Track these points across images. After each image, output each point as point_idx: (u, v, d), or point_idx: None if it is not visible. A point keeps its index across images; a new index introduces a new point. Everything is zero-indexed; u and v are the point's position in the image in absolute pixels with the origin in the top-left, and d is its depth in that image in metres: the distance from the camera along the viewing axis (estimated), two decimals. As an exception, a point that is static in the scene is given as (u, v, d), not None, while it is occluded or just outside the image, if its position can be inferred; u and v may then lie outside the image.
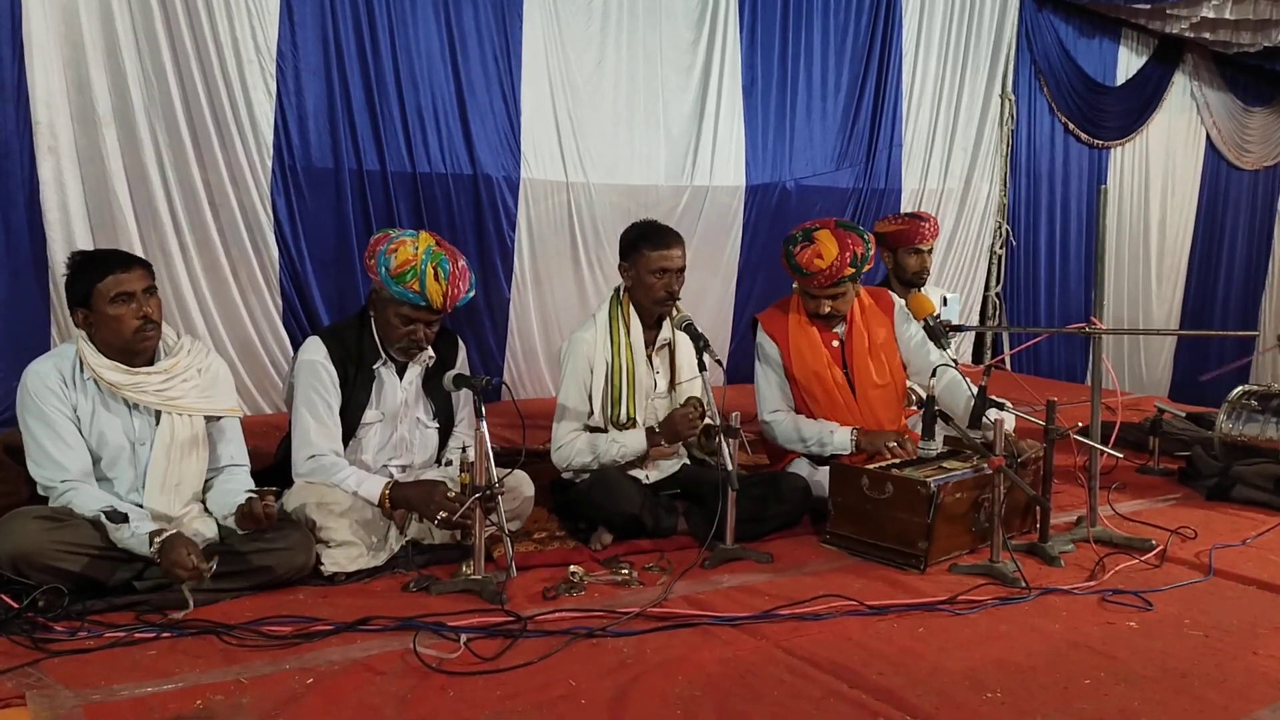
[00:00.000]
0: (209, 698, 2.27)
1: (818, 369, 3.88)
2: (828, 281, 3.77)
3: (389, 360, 3.34)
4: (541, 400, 5.39)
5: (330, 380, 3.24)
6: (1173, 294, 9.24)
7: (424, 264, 3.15)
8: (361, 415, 3.30)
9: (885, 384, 3.92)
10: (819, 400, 3.89)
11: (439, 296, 3.18)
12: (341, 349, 3.28)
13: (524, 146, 5.47)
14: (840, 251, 3.73)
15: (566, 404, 3.64)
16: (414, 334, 3.25)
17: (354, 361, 3.28)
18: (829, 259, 3.73)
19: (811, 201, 6.56)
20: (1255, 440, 4.44)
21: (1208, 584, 3.27)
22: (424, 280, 3.15)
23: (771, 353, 3.95)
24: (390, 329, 3.26)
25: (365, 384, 3.30)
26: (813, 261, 3.75)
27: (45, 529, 2.69)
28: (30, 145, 4.16)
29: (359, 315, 3.39)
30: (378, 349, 3.32)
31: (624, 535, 3.45)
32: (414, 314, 3.21)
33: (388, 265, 3.16)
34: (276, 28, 4.69)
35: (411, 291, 3.15)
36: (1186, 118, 8.92)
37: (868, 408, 3.89)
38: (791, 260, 3.81)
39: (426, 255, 3.17)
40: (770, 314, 4.04)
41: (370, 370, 3.31)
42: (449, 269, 3.20)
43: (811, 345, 3.89)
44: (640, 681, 2.43)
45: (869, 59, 6.76)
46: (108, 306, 2.86)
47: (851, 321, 3.93)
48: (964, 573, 3.27)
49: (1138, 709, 2.40)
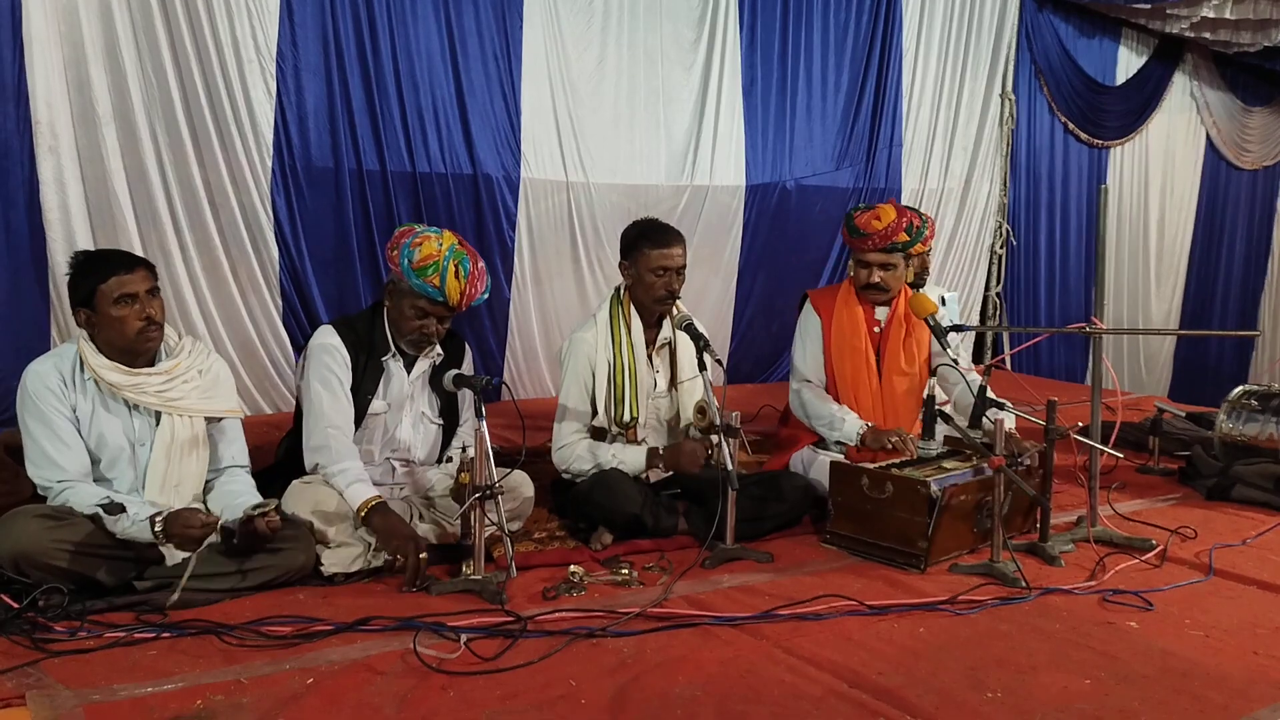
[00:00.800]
0: (209, 698, 2.27)
1: (854, 343, 3.97)
2: (882, 242, 3.90)
3: (398, 353, 3.36)
4: (541, 400, 5.39)
5: (344, 362, 3.27)
6: (1172, 294, 9.24)
7: (446, 260, 3.19)
8: (369, 405, 3.32)
9: (910, 372, 3.99)
10: (847, 376, 3.97)
11: (457, 294, 3.22)
12: (354, 336, 3.32)
13: (524, 146, 5.47)
14: (898, 216, 3.90)
15: (568, 404, 3.64)
16: (426, 328, 3.28)
17: (365, 350, 3.31)
18: (886, 221, 3.89)
19: (811, 201, 6.56)
20: (1255, 440, 4.44)
21: (1208, 584, 3.27)
22: (444, 276, 3.18)
23: (814, 324, 4.05)
24: (404, 321, 3.28)
25: (374, 374, 3.32)
26: (870, 223, 3.91)
27: (46, 528, 2.69)
28: (30, 145, 4.17)
29: (372, 308, 3.42)
30: (388, 341, 3.34)
31: (624, 535, 3.45)
32: (430, 308, 3.24)
33: (411, 258, 3.19)
34: (276, 28, 4.70)
35: (431, 286, 3.19)
36: (1186, 117, 8.93)
37: (890, 391, 3.96)
38: (850, 222, 3.98)
39: (450, 253, 3.20)
40: (821, 291, 4.18)
41: (379, 361, 3.33)
42: (469, 268, 3.24)
43: (853, 321, 3.99)
44: (640, 681, 2.43)
45: (869, 58, 6.77)
46: (110, 307, 2.86)
47: (894, 312, 4.01)
48: (964, 573, 3.27)
49: (1138, 709, 2.40)
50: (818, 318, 4.05)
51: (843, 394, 3.97)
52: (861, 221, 3.93)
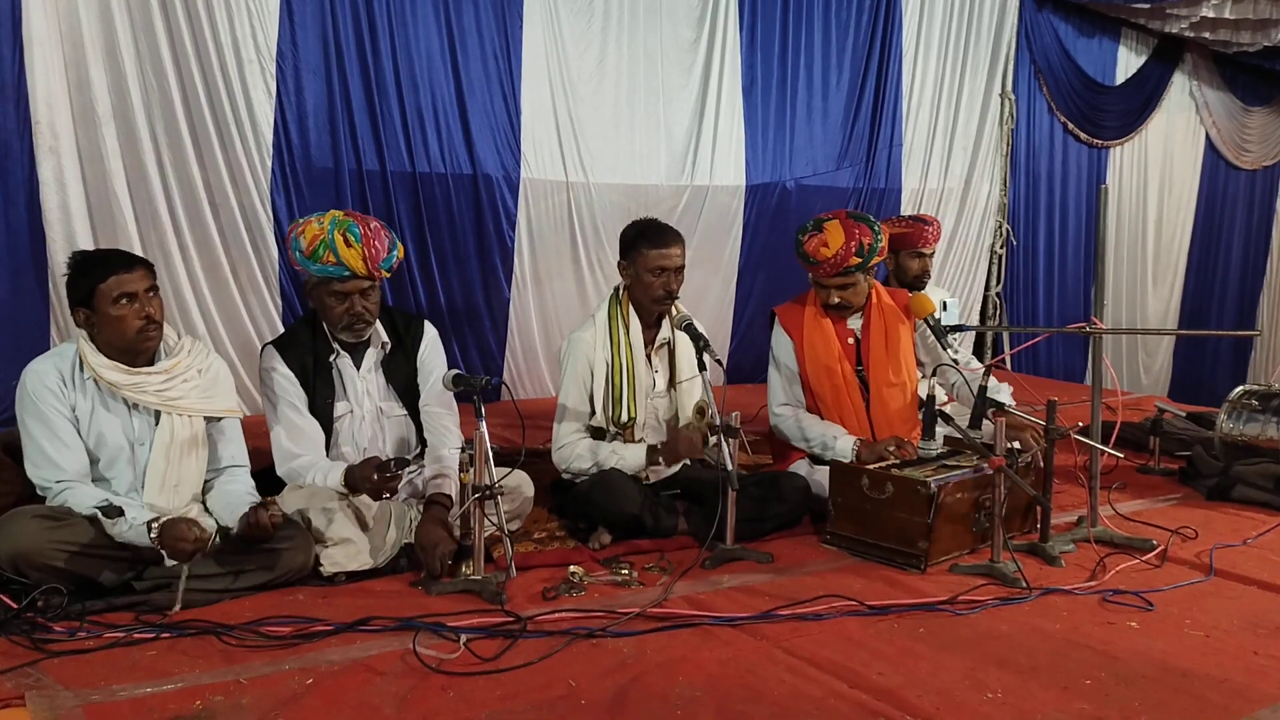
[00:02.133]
0: (209, 698, 2.27)
1: (829, 363, 3.87)
2: (833, 271, 3.80)
3: (342, 352, 3.35)
4: (541, 400, 5.39)
5: (288, 382, 3.28)
6: (1171, 293, 9.24)
7: (331, 234, 3.17)
8: (332, 410, 3.33)
9: (900, 382, 3.92)
10: (827, 398, 3.89)
11: (358, 260, 3.18)
12: (296, 350, 3.32)
13: (524, 146, 5.47)
14: (846, 240, 3.76)
15: (567, 404, 3.64)
16: (352, 308, 3.25)
17: (310, 359, 3.32)
18: (834, 248, 3.76)
19: (811, 201, 6.56)
20: (1256, 440, 4.44)
21: (1208, 584, 3.26)
22: (336, 249, 3.16)
23: (784, 345, 3.97)
24: (329, 312, 3.27)
25: (326, 379, 3.33)
26: (819, 250, 3.79)
27: (45, 528, 2.69)
28: (30, 145, 4.16)
29: (308, 315, 3.43)
30: (330, 342, 3.34)
31: (624, 535, 3.45)
32: (342, 287, 3.22)
33: (300, 248, 3.20)
34: (276, 28, 4.69)
35: (330, 265, 3.17)
36: (1186, 117, 8.92)
37: (880, 406, 3.87)
38: (800, 249, 3.85)
39: (332, 225, 3.18)
40: (787, 307, 4.05)
41: (328, 364, 3.33)
42: (359, 232, 3.20)
43: (825, 339, 3.89)
44: (640, 681, 2.43)
45: (869, 58, 6.76)
46: (110, 307, 2.86)
47: (868, 318, 3.93)
48: (964, 573, 3.27)
49: (1138, 709, 2.40)
50: (788, 338, 3.95)
51: (826, 416, 3.89)
52: (810, 249, 3.80)
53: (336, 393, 3.34)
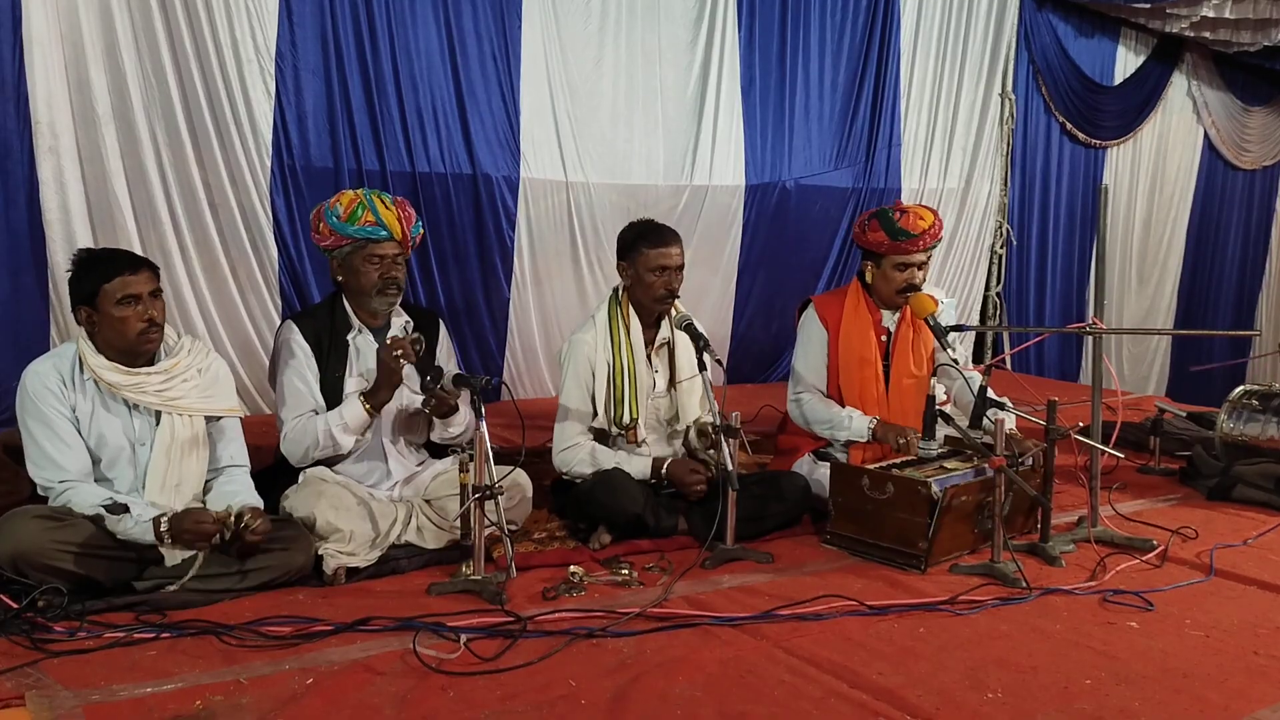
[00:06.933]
0: (209, 698, 2.27)
1: (864, 354, 3.92)
2: (931, 241, 3.89)
3: (363, 329, 3.39)
4: (541, 400, 5.39)
5: (303, 353, 3.33)
6: (1170, 293, 9.23)
7: (369, 198, 3.35)
8: (342, 385, 3.34)
9: (920, 376, 3.95)
10: (854, 386, 3.92)
11: (396, 222, 3.33)
12: (314, 324, 3.38)
13: (523, 146, 5.47)
14: (935, 216, 3.91)
15: (568, 405, 3.64)
16: (388, 271, 3.34)
17: (327, 334, 3.36)
18: (929, 220, 3.88)
19: (811, 201, 6.56)
20: (1256, 440, 4.44)
21: (1209, 584, 3.27)
22: (375, 210, 3.31)
23: (818, 335, 3.99)
24: (364, 279, 3.33)
25: (340, 355, 3.37)
26: (916, 223, 3.86)
27: (45, 528, 2.69)
28: (30, 145, 4.16)
29: (330, 295, 3.49)
30: (349, 319, 3.39)
31: (625, 535, 3.46)
32: (379, 249, 3.32)
33: (337, 214, 3.31)
34: (276, 28, 4.69)
35: (369, 225, 3.29)
36: (1185, 117, 8.91)
37: (898, 396, 3.92)
38: (893, 226, 3.86)
39: (367, 193, 3.38)
40: (826, 298, 4.11)
41: (344, 340, 3.38)
42: (392, 198, 3.38)
43: (862, 331, 3.94)
44: (640, 681, 2.43)
45: (867, 58, 6.75)
46: (113, 308, 2.86)
47: (902, 313, 3.98)
48: (965, 573, 3.27)
49: (1138, 709, 2.40)
50: (823, 329, 3.98)
51: (848, 402, 3.93)
52: (907, 223, 3.84)
53: (348, 368, 3.36)
